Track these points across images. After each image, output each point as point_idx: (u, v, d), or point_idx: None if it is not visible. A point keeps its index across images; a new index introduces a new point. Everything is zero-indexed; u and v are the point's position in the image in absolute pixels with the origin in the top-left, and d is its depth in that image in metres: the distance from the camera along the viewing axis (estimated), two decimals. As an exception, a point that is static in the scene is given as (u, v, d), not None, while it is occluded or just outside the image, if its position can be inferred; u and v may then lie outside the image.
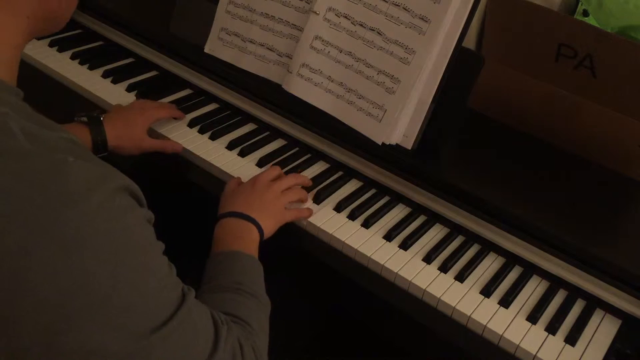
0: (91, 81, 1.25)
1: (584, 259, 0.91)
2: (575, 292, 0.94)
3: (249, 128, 1.18)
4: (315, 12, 1.04)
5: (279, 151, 1.13)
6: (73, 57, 1.30)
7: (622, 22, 1.46)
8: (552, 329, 0.88)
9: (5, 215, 0.51)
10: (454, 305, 0.89)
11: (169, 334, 0.58)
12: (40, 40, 1.33)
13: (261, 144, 1.14)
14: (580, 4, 1.58)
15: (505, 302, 0.91)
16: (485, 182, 1.03)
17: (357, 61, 1.02)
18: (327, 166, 1.12)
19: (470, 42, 1.36)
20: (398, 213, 1.04)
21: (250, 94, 1.17)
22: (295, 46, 1.07)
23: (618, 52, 1.17)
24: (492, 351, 0.87)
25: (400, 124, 1.00)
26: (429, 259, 0.96)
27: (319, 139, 1.12)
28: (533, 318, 0.89)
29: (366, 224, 1.00)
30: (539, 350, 0.85)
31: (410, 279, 0.92)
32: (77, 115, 1.04)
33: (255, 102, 1.17)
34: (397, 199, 1.06)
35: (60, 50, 1.32)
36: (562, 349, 0.86)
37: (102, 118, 1.04)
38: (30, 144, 0.54)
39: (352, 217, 1.01)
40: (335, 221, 1.00)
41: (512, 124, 1.15)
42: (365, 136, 1.01)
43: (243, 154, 1.11)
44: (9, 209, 0.52)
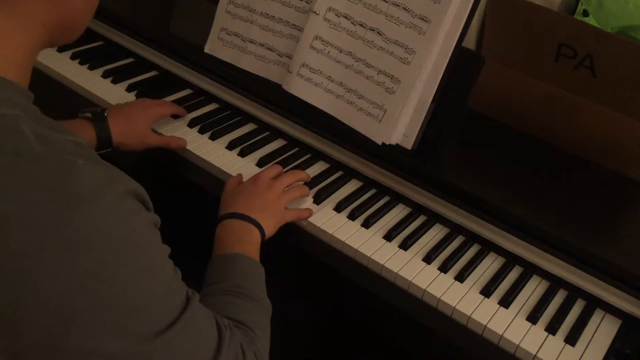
0: (91, 81, 1.25)
1: (584, 259, 0.91)
2: (575, 292, 0.94)
3: (249, 128, 1.18)
4: (315, 12, 1.04)
5: (279, 151, 1.13)
6: (73, 57, 1.30)
7: (622, 22, 1.46)
8: (552, 329, 0.88)
9: (13, 216, 0.52)
10: (454, 306, 0.89)
11: (172, 337, 0.58)
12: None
13: (261, 144, 1.14)
14: (580, 4, 1.58)
15: (505, 302, 0.91)
16: (485, 182, 1.03)
17: (357, 61, 1.02)
18: (327, 166, 1.12)
19: (470, 42, 1.36)
20: (398, 213, 1.04)
21: (250, 94, 1.17)
22: (295, 46, 1.07)
23: (618, 52, 1.17)
24: (492, 351, 0.87)
25: (400, 124, 0.99)
26: (429, 259, 0.96)
27: (319, 139, 1.12)
28: (533, 318, 0.89)
29: (366, 224, 1.00)
30: (539, 351, 0.85)
31: (410, 279, 0.92)
32: (81, 112, 1.04)
33: (255, 102, 1.17)
34: (397, 199, 1.06)
35: (60, 50, 1.32)
36: (562, 349, 0.86)
37: (106, 114, 1.04)
38: (41, 145, 0.54)
39: (352, 217, 1.01)
40: (335, 221, 1.00)
41: (512, 124, 1.15)
42: (365, 136, 1.01)
43: (243, 154, 1.11)
44: (18, 210, 0.52)
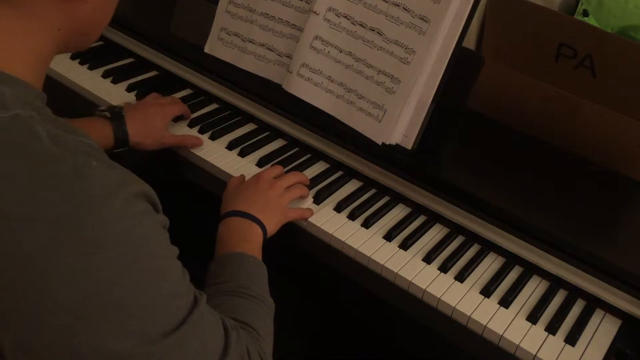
0: (91, 81, 1.25)
1: (584, 259, 0.91)
2: (575, 292, 0.94)
3: (249, 128, 1.18)
4: (315, 12, 1.04)
5: (279, 151, 1.13)
6: (73, 57, 1.30)
7: (622, 22, 1.46)
8: (552, 329, 0.88)
9: (27, 218, 0.52)
10: (454, 306, 0.89)
11: (181, 338, 0.58)
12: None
13: (261, 144, 1.14)
14: (580, 4, 1.58)
15: (505, 302, 0.91)
16: (485, 182, 1.03)
17: (357, 61, 1.02)
18: (327, 166, 1.12)
19: (470, 42, 1.36)
20: (398, 213, 1.04)
21: (250, 94, 1.17)
22: (295, 46, 1.07)
23: (618, 52, 1.17)
24: (492, 351, 0.87)
25: (400, 124, 0.99)
26: (429, 259, 0.96)
27: (319, 139, 1.12)
28: (533, 318, 0.89)
29: (366, 224, 1.00)
30: (539, 350, 0.85)
31: (410, 279, 0.92)
32: (98, 110, 1.02)
33: (255, 102, 1.17)
34: (397, 199, 1.06)
35: (60, 50, 1.32)
36: (562, 349, 0.86)
37: (124, 113, 1.03)
38: (55, 147, 0.55)
39: (352, 217, 1.01)
40: (335, 221, 1.00)
41: (512, 124, 1.15)
42: (365, 136, 1.01)
43: (243, 154, 1.11)
44: (31, 210, 0.52)
